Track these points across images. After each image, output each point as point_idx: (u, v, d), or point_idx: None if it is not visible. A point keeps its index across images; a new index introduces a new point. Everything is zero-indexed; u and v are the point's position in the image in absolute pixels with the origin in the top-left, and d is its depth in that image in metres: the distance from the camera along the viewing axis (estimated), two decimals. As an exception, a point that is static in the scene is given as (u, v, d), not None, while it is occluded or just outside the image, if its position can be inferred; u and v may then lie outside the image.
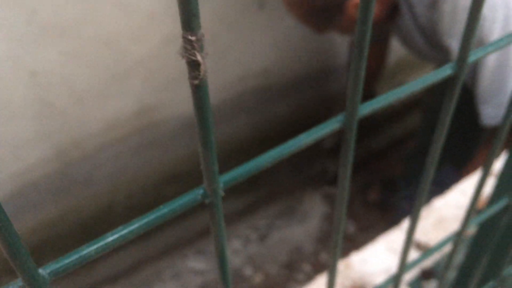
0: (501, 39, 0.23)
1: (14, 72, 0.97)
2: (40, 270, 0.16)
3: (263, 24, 1.24)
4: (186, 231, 1.44)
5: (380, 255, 0.69)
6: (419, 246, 0.70)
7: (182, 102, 1.22)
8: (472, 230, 0.73)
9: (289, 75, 1.41)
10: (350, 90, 0.19)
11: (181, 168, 1.34)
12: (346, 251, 0.75)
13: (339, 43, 1.46)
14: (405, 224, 0.74)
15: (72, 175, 1.16)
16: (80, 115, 1.09)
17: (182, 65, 1.17)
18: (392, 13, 1.04)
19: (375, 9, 0.99)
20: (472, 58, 0.22)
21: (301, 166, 1.65)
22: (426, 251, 0.56)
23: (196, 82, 0.15)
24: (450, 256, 0.40)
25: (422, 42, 1.05)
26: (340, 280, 0.65)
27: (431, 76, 0.21)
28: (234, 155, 1.45)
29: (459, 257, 0.68)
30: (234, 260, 1.48)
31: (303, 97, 1.49)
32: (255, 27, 1.24)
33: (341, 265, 0.68)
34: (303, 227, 1.62)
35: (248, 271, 1.45)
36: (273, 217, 1.61)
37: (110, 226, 1.29)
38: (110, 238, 0.18)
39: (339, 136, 1.66)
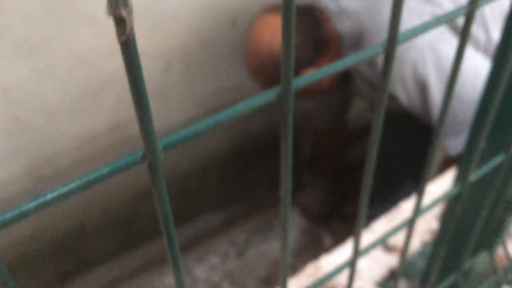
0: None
1: (-15, 89, 0.97)
2: None
3: (237, 40, 1.26)
4: (162, 249, 1.43)
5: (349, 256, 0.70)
6: (387, 248, 0.72)
7: (156, 116, 1.22)
8: (434, 225, 0.75)
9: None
10: (283, 62, 0.21)
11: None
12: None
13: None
14: (375, 226, 0.75)
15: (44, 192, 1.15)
16: (53, 132, 1.09)
17: (156, 80, 1.18)
18: (344, 78, 1.18)
19: (326, 81, 1.14)
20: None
21: (278, 181, 1.66)
22: (392, 249, 0.58)
23: (123, 38, 0.16)
24: (406, 243, 0.42)
25: (364, 86, 1.16)
26: (310, 282, 0.66)
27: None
28: (212, 169, 1.45)
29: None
30: (213, 276, 1.47)
31: (277, 114, 1.51)
32: (229, 43, 1.26)
33: (311, 268, 0.69)
34: (281, 241, 1.63)
35: (226, 286, 1.45)
36: (251, 232, 1.61)
37: (84, 243, 1.28)
38: (50, 196, 0.18)
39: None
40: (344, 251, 0.72)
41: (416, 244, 0.72)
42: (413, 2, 1.01)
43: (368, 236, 0.73)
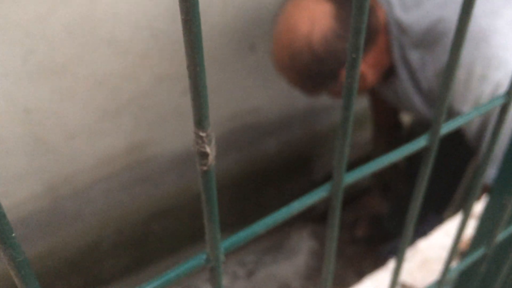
0: (470, 113, 0.25)
1: (8, 109, 0.99)
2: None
3: (254, 65, 1.27)
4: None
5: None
6: (404, 287, 0.72)
7: (173, 139, 1.23)
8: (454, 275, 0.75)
9: (278, 113, 1.44)
10: (336, 161, 0.21)
11: (171, 203, 1.35)
12: (333, 291, 0.76)
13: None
14: (391, 264, 0.75)
15: (62, 210, 1.17)
16: (72, 152, 1.10)
17: (173, 103, 1.19)
18: (387, 75, 1.03)
19: (370, 75, 0.98)
20: (444, 130, 0.24)
21: (289, 202, 1.66)
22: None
23: (204, 168, 0.17)
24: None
25: (420, 103, 1.03)
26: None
27: (407, 148, 0.23)
28: (225, 190, 1.46)
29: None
30: (222, 296, 1.48)
31: (292, 135, 1.52)
32: (246, 67, 1.27)
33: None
34: (290, 263, 1.63)
35: (235, 307, 1.45)
36: (261, 253, 1.61)
37: (98, 261, 1.29)
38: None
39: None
40: (360, 289, 0.72)
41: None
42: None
43: (383, 275, 0.73)
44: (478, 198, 1.06)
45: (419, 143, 0.24)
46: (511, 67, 0.85)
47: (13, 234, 0.15)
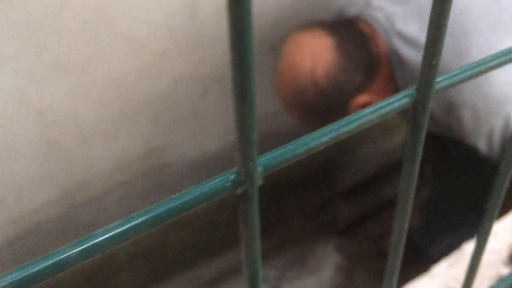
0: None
1: (20, 110, 0.94)
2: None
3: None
4: (193, 280, 1.38)
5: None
6: (450, 292, 0.64)
7: (191, 143, 1.18)
8: None
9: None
10: (426, 52, 0.15)
11: (190, 213, 1.29)
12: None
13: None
14: (435, 270, 0.68)
15: (76, 218, 1.11)
16: (86, 156, 1.05)
17: (192, 106, 1.14)
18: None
19: (387, 92, 0.95)
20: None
21: (312, 214, 1.59)
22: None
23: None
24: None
25: (432, 126, 0.98)
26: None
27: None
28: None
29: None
30: (243, 312, 1.40)
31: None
32: (267, 69, 1.22)
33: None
34: (315, 279, 1.55)
35: (258, 324, 1.37)
36: (284, 268, 1.54)
37: (113, 273, 1.23)
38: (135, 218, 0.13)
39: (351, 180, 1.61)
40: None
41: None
42: None
43: (427, 281, 0.66)
44: None
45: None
46: None
47: None
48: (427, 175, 1.46)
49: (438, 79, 0.16)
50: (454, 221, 1.14)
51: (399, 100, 0.16)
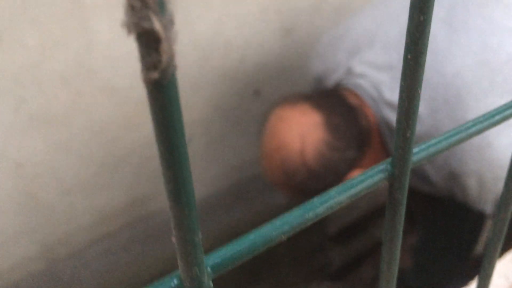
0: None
1: (-2, 164, 0.92)
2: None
3: (259, 111, 1.21)
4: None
5: None
6: None
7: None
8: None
9: (287, 162, 1.36)
10: (398, 126, 0.14)
11: (176, 264, 1.25)
12: None
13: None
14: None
15: (58, 274, 1.07)
16: (68, 209, 1.02)
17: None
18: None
19: (369, 165, 0.91)
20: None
21: (304, 258, 1.56)
22: None
23: (154, 75, 0.09)
24: None
25: (429, 189, 0.96)
26: None
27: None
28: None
29: None
30: None
31: (302, 185, 1.44)
32: (251, 114, 1.22)
33: None
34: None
35: None
36: (276, 315, 1.49)
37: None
38: None
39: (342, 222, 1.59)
40: None
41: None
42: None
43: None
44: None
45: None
46: None
47: None
48: (417, 219, 1.44)
49: (415, 150, 0.14)
50: (445, 263, 1.11)
51: (372, 177, 0.14)
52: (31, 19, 0.86)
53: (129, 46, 0.96)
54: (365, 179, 0.14)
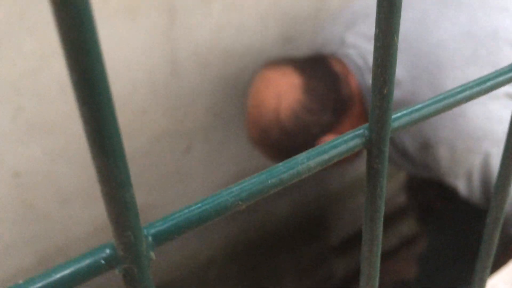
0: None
1: (-5, 173, 0.91)
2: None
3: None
4: None
5: None
6: None
7: (175, 201, 1.14)
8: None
9: (288, 171, 1.35)
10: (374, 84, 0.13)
11: (175, 275, 1.23)
12: None
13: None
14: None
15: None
16: (65, 219, 1.01)
17: (175, 162, 1.11)
18: None
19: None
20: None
21: (307, 269, 1.54)
22: None
23: None
24: None
25: (410, 168, 0.98)
26: None
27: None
28: (234, 256, 1.35)
29: None
30: None
31: (305, 195, 1.42)
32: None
33: None
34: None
35: None
36: (278, 328, 1.46)
37: None
38: None
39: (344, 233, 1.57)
40: None
41: None
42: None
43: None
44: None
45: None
46: (497, 135, 0.82)
47: None
48: (424, 227, 1.42)
49: (394, 115, 0.13)
50: (451, 272, 1.09)
51: (347, 142, 0.13)
52: (29, 27, 0.85)
53: (127, 54, 0.95)
54: (339, 144, 0.13)
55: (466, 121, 0.83)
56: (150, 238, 0.11)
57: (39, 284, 0.11)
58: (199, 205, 0.12)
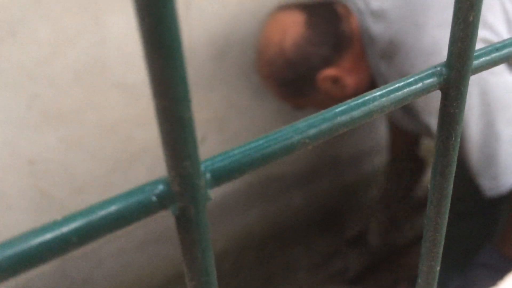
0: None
1: (11, 160, 0.91)
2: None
3: (275, 109, 1.19)
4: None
5: None
6: None
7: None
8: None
9: (304, 163, 1.33)
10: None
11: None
12: None
13: (357, 130, 1.41)
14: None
15: (70, 274, 1.05)
16: (80, 207, 1.00)
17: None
18: (370, 86, 1.02)
19: (348, 81, 0.97)
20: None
21: (320, 263, 1.52)
22: None
23: None
24: None
25: (400, 115, 1.03)
26: None
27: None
28: (248, 248, 1.34)
29: None
30: None
31: (319, 187, 1.41)
32: (267, 112, 1.19)
33: None
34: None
35: None
36: (292, 320, 1.45)
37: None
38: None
39: (360, 228, 1.55)
40: None
41: None
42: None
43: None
44: None
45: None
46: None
47: None
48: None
49: (476, 53, 0.11)
50: (462, 267, 1.07)
51: (422, 81, 0.11)
52: (44, 14, 0.84)
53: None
54: (413, 83, 0.11)
55: (440, 59, 0.83)
56: (208, 175, 0.09)
57: (79, 223, 0.10)
58: (262, 141, 0.10)
